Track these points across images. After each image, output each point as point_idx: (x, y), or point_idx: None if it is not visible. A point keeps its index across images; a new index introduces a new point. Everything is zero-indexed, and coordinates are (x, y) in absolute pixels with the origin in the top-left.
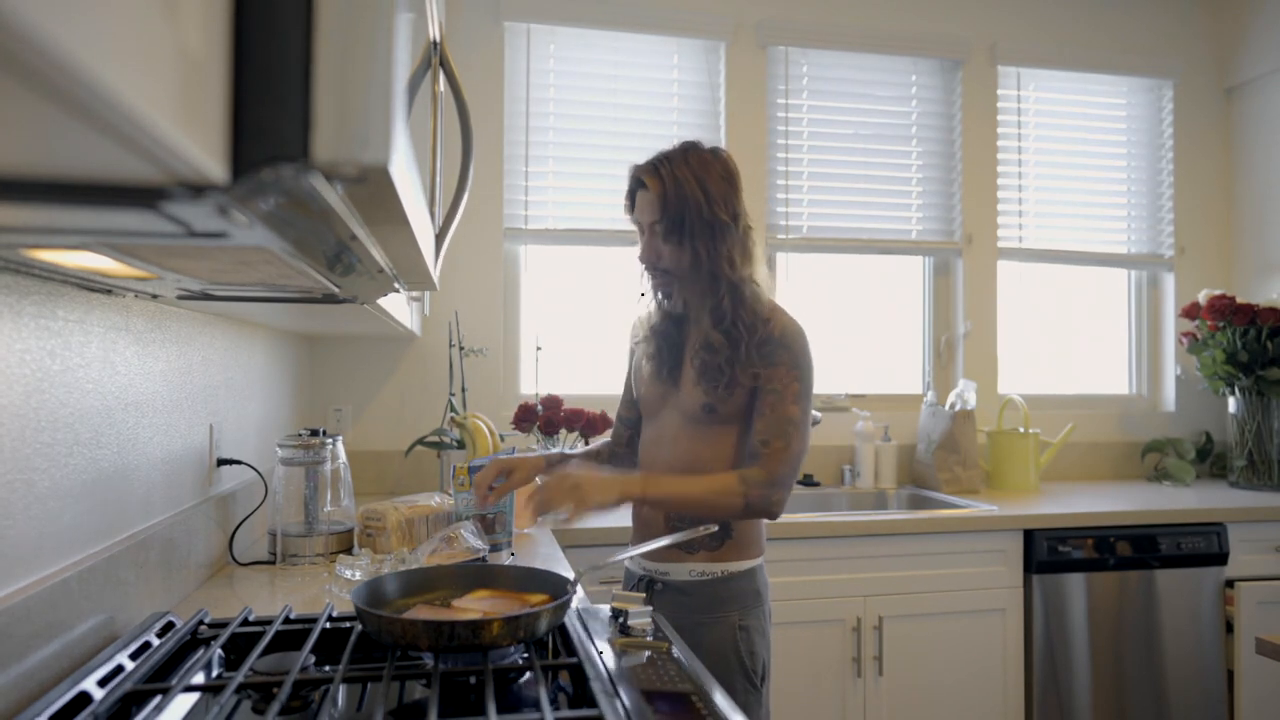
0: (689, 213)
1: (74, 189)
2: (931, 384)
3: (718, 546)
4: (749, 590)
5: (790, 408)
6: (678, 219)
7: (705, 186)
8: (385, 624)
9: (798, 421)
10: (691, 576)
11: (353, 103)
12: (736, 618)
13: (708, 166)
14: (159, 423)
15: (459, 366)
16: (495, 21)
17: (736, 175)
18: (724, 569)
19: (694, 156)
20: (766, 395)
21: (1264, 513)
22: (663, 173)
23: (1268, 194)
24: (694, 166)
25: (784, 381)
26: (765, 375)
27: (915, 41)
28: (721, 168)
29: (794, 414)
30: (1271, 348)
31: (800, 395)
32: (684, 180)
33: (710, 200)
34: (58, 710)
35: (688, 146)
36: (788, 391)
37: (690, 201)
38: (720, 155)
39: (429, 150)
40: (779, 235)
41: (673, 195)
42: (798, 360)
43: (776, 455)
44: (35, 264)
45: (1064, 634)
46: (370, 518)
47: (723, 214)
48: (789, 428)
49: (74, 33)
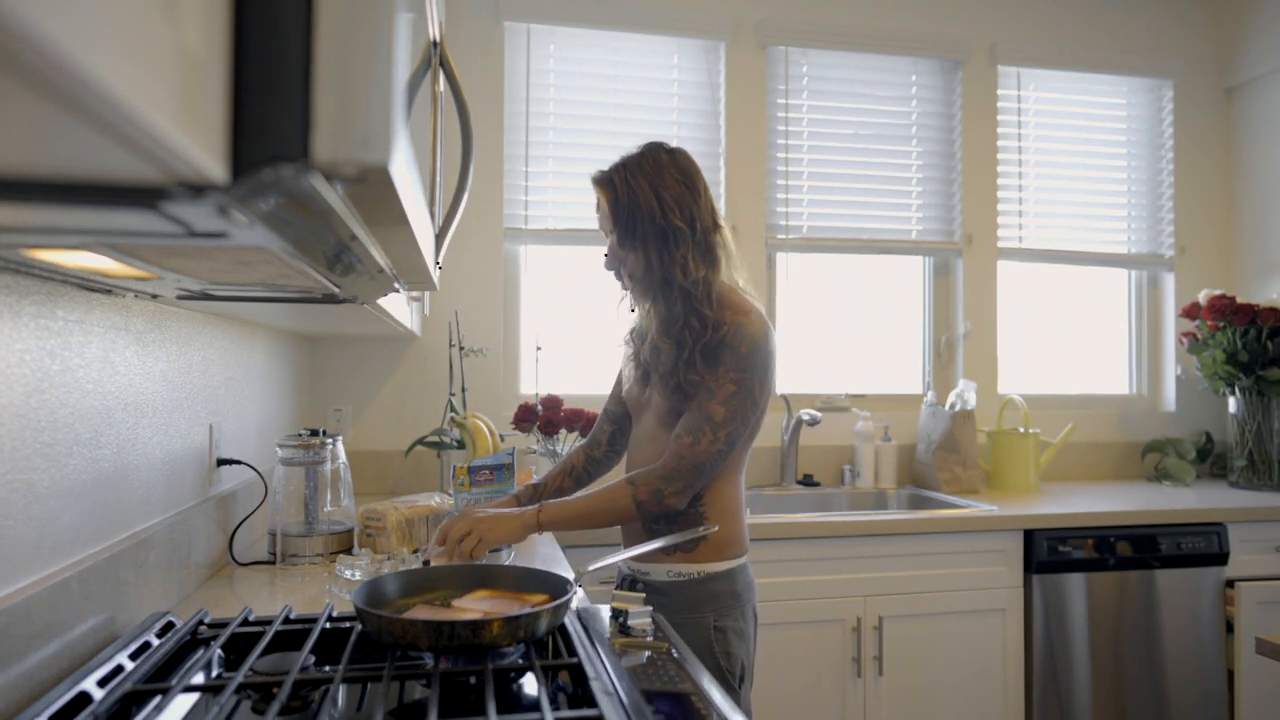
0: (641, 220)
1: (74, 189)
2: (931, 384)
3: (693, 549)
4: (726, 591)
5: (714, 406)
6: (630, 227)
7: (659, 192)
8: (385, 624)
9: (719, 421)
10: (669, 577)
11: (353, 103)
12: (712, 618)
13: (662, 171)
14: (159, 423)
15: (459, 366)
16: (495, 21)
17: (695, 176)
18: (700, 570)
19: (649, 161)
20: (701, 394)
21: (1264, 513)
22: (616, 181)
23: (1268, 194)
24: (649, 172)
25: (719, 381)
26: (709, 374)
27: (915, 41)
28: (678, 171)
29: (716, 413)
30: (1272, 348)
31: (732, 396)
32: (637, 188)
33: (664, 207)
34: (57, 710)
35: (646, 151)
36: (719, 391)
37: (643, 209)
38: (678, 158)
39: (429, 150)
40: (779, 235)
41: (625, 203)
42: (740, 362)
43: (679, 451)
44: (35, 264)
45: (1064, 634)
46: (370, 518)
47: (677, 220)
48: (705, 425)
49: (74, 32)
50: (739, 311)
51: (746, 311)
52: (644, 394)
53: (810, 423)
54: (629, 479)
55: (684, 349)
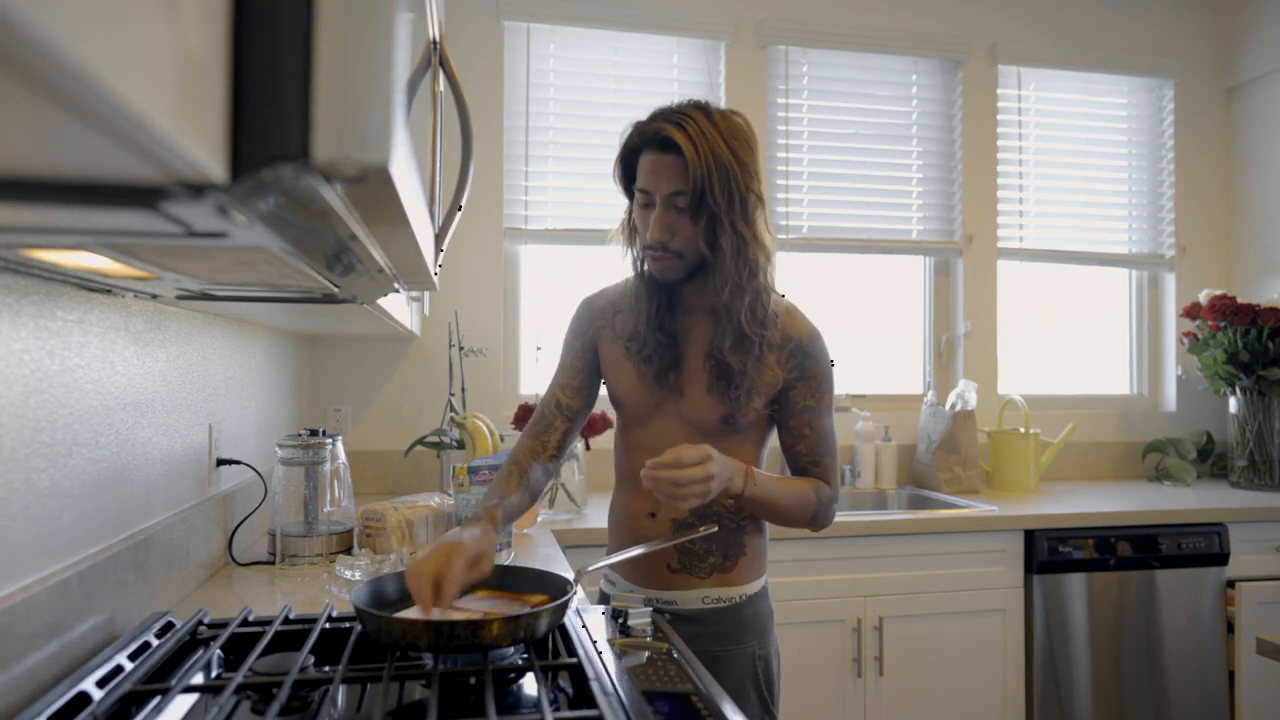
0: (722, 185)
1: (74, 189)
2: (932, 384)
3: (732, 568)
4: (764, 613)
5: (826, 421)
6: (708, 192)
7: (737, 154)
8: (385, 624)
9: (834, 433)
10: (705, 605)
11: (353, 103)
12: (755, 647)
13: (736, 131)
14: (158, 423)
15: (459, 366)
16: (495, 21)
17: (755, 142)
18: (740, 593)
19: (719, 117)
20: (802, 413)
21: (1265, 513)
22: (691, 131)
23: (1268, 194)
24: (723, 129)
25: (817, 395)
26: (798, 389)
27: (915, 41)
28: (748, 133)
29: (830, 427)
30: (1272, 348)
31: (831, 405)
32: (716, 146)
33: (745, 171)
34: (57, 710)
35: (703, 105)
36: (822, 405)
37: (726, 171)
38: (742, 119)
39: (429, 150)
40: (779, 235)
41: (706, 162)
42: (827, 370)
43: (828, 471)
44: (34, 264)
45: (1064, 634)
46: (370, 518)
47: (756, 188)
48: (831, 441)
49: (74, 33)
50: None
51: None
52: (663, 398)
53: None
54: (817, 494)
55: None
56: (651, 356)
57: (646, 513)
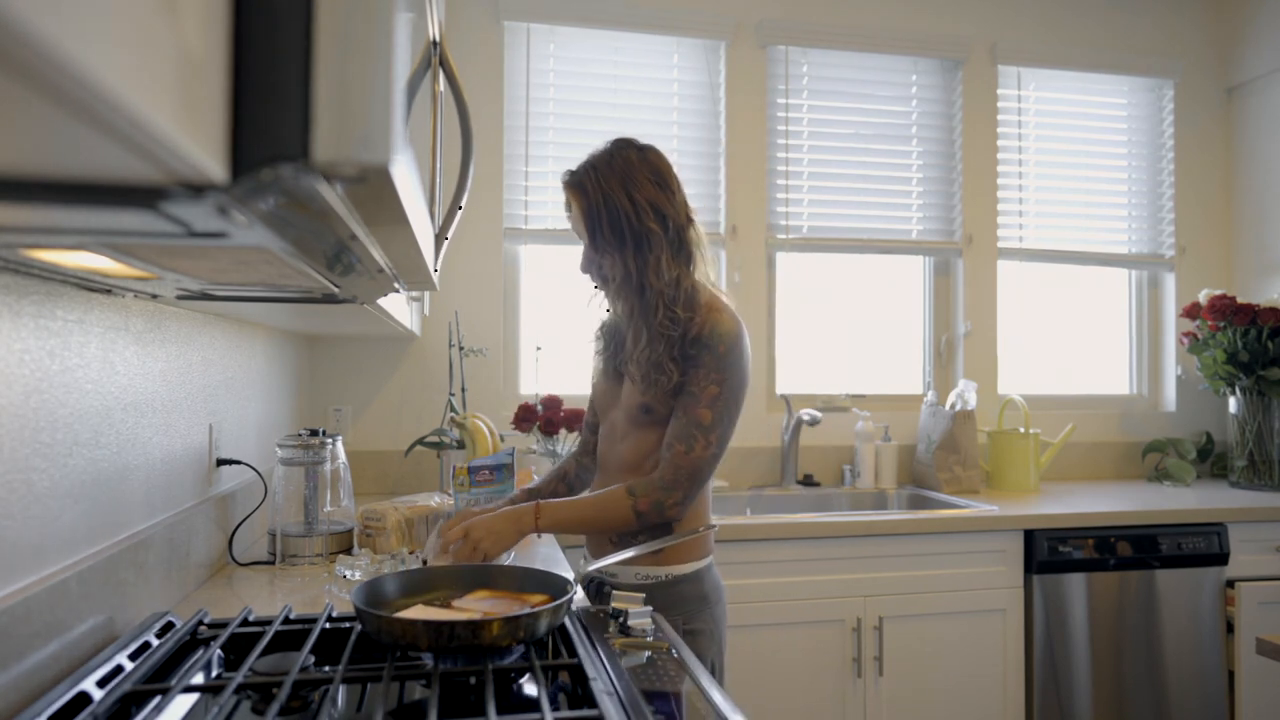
0: (616, 224)
1: (74, 189)
2: (932, 384)
3: (658, 551)
4: (694, 595)
5: (701, 411)
6: (604, 231)
7: (632, 195)
8: (385, 624)
9: (708, 425)
10: (636, 580)
11: (353, 103)
12: (680, 622)
13: (633, 171)
14: (158, 423)
15: (459, 366)
16: (495, 21)
17: (667, 173)
18: (667, 573)
19: (620, 160)
20: (684, 398)
21: (1264, 513)
22: (588, 185)
23: (1268, 194)
24: (620, 173)
25: (701, 384)
26: (690, 376)
27: (915, 41)
28: (649, 170)
29: (704, 418)
30: (1272, 348)
31: (717, 399)
32: (610, 190)
33: (638, 209)
34: (57, 710)
35: (615, 149)
36: (703, 395)
37: (619, 213)
38: (648, 155)
39: (429, 150)
40: (779, 235)
41: (598, 207)
42: (720, 362)
43: (675, 460)
44: (34, 264)
45: (1064, 634)
46: (370, 518)
47: (651, 222)
48: (695, 431)
49: (74, 33)
50: (711, 309)
51: (719, 309)
52: (613, 392)
53: (810, 423)
54: (629, 489)
55: (673, 344)
56: (602, 354)
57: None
